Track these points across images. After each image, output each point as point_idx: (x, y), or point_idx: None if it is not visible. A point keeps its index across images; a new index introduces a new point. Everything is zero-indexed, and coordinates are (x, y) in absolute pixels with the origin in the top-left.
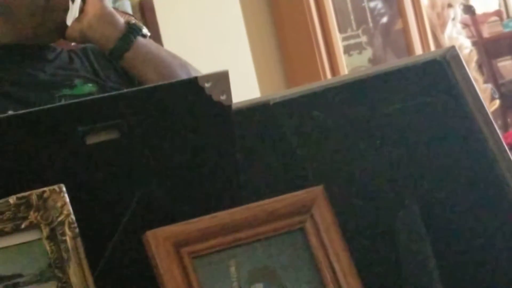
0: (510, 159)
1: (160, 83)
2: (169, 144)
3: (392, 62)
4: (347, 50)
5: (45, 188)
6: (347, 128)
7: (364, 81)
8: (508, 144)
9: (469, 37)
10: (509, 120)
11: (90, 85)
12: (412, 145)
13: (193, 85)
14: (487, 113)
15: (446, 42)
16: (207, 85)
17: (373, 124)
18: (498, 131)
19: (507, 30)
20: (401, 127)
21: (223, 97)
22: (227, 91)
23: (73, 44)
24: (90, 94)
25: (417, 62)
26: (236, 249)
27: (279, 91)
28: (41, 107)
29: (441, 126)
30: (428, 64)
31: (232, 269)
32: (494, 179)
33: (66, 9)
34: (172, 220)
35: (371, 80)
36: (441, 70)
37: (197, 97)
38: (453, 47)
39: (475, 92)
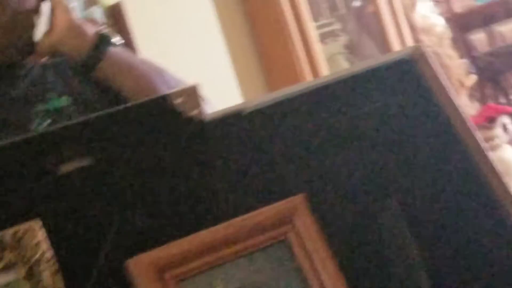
0: (484, 150)
1: (129, 104)
2: (144, 165)
3: (360, 63)
4: (322, 38)
5: (18, 226)
6: (322, 132)
7: (334, 85)
8: (487, 118)
9: (441, 14)
10: (486, 92)
11: (64, 98)
12: (387, 145)
13: (164, 102)
14: (457, 107)
15: (419, 21)
16: (178, 101)
17: (347, 127)
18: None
19: (479, 3)
20: (375, 128)
21: (195, 111)
22: (199, 104)
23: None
24: (65, 107)
25: (385, 62)
26: (221, 268)
27: (258, 87)
28: (6, 142)
29: (414, 124)
30: (396, 64)
31: None
32: (469, 172)
33: (33, 26)
34: (154, 244)
35: (341, 83)
36: (409, 69)
37: (169, 114)
38: (419, 46)
39: (444, 88)
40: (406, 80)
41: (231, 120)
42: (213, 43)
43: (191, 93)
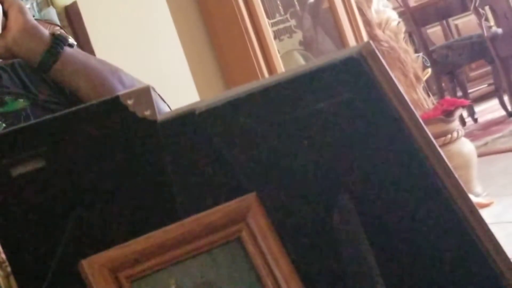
0: (434, 144)
1: (81, 105)
2: (98, 166)
3: (311, 62)
4: (278, 35)
5: None
6: (274, 131)
7: (285, 84)
8: (444, 111)
9: (396, 8)
10: (443, 85)
11: (21, 100)
12: (338, 142)
13: (115, 103)
14: (407, 104)
15: (374, 16)
16: (129, 102)
17: (299, 125)
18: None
19: None
20: (326, 125)
21: (147, 112)
22: (151, 105)
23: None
24: (22, 109)
25: (335, 60)
26: (175, 267)
27: (215, 85)
28: None
29: (365, 121)
30: (345, 62)
31: (173, 287)
32: (420, 168)
33: None
34: (109, 244)
35: (292, 82)
36: (358, 67)
37: (121, 116)
38: (368, 42)
39: (394, 84)
40: (355, 78)
41: (184, 120)
42: (168, 42)
43: (143, 94)
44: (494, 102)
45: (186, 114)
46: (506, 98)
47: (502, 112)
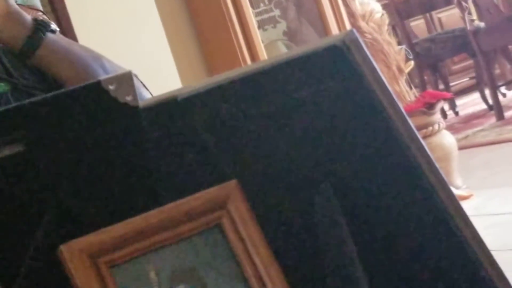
0: (415, 133)
1: (62, 90)
2: (78, 151)
3: (294, 49)
4: (262, 25)
5: None
6: (257, 119)
7: (267, 71)
8: (426, 104)
9: (379, 0)
10: (426, 78)
11: (2, 84)
12: (321, 130)
13: (96, 88)
14: (389, 93)
15: (358, 7)
16: (111, 87)
17: (281, 113)
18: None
19: None
20: (309, 113)
21: (128, 98)
22: (133, 91)
23: None
24: (2, 94)
25: (318, 48)
26: (155, 253)
27: (198, 74)
28: None
29: (347, 109)
30: (328, 50)
31: (152, 274)
32: (400, 154)
33: None
34: (89, 230)
35: (274, 69)
36: (341, 55)
37: (102, 101)
38: (351, 31)
39: (376, 73)
40: (338, 66)
41: (166, 106)
42: (152, 29)
43: (125, 80)
44: (476, 95)
45: (168, 100)
46: (487, 92)
47: (483, 106)
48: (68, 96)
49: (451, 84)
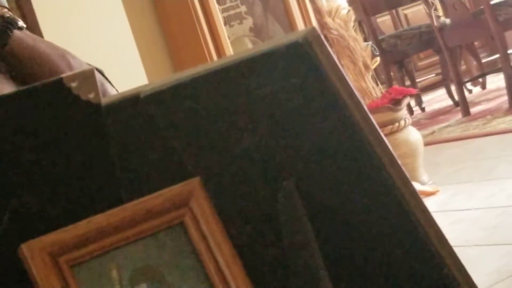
0: (377, 129)
1: (23, 88)
2: (39, 150)
3: (257, 46)
4: (228, 21)
5: None
6: (220, 115)
7: (230, 68)
8: (392, 99)
9: None
10: (392, 74)
11: None
12: (283, 126)
13: (58, 85)
14: (351, 89)
15: (324, 4)
16: (73, 84)
17: (244, 110)
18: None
19: None
20: (272, 110)
21: (91, 95)
22: (95, 88)
23: None
24: None
25: (280, 45)
26: (116, 252)
27: (164, 70)
28: None
29: (310, 105)
30: (290, 46)
31: (114, 272)
32: (362, 149)
33: None
34: (50, 228)
35: (237, 66)
36: (304, 52)
37: (64, 98)
38: (313, 28)
39: (338, 70)
40: (300, 63)
41: (128, 103)
42: (118, 26)
43: (87, 77)
44: (442, 91)
45: (130, 97)
46: (453, 88)
47: (449, 102)
48: (30, 93)
49: (417, 80)
